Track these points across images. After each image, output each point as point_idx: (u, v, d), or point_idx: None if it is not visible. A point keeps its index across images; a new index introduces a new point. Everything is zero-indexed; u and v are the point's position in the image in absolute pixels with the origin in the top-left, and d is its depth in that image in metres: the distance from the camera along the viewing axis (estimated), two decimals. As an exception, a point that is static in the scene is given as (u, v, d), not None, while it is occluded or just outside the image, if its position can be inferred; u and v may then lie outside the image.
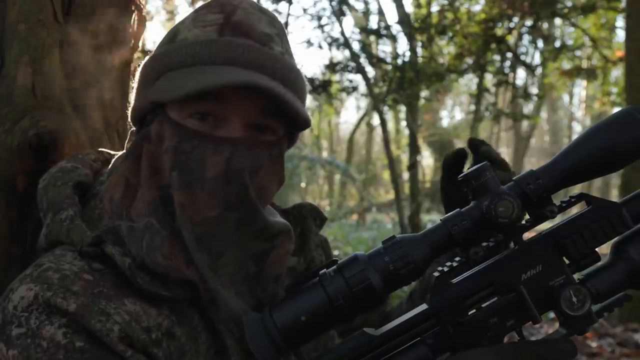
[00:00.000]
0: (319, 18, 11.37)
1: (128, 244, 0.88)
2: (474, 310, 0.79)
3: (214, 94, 0.86)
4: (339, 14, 11.18)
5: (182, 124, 0.88)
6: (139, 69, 0.96)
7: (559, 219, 0.83)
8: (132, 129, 1.00)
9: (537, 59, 14.57)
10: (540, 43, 13.13)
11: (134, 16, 1.36)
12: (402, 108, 13.31)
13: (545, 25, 13.58)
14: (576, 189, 0.94)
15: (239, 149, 0.87)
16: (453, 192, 1.01)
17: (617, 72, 12.91)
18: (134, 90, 0.97)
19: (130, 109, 0.98)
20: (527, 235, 0.83)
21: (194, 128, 0.87)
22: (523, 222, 0.81)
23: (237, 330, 0.91)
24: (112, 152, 1.09)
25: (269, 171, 0.91)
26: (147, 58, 0.95)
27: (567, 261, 0.81)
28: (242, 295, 0.90)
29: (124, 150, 1.01)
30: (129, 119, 0.99)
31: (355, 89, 11.37)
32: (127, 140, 1.01)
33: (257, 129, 0.90)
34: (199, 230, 0.86)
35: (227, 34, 0.89)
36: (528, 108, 19.28)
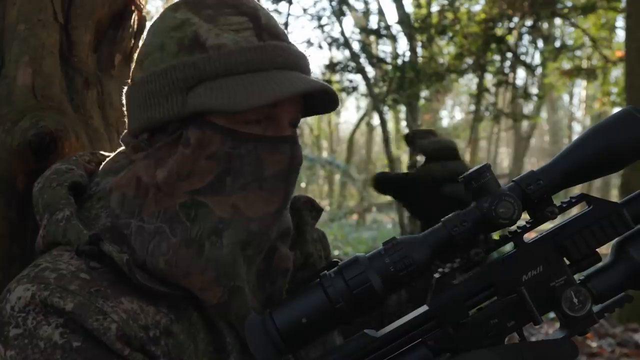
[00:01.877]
0: (319, 18, 11.37)
1: (133, 243, 0.88)
2: (474, 311, 0.79)
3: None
4: (339, 14, 11.18)
5: (235, 129, 0.88)
6: (146, 77, 0.91)
7: (559, 220, 0.83)
8: (141, 136, 0.94)
9: (537, 59, 14.57)
10: (540, 43, 13.13)
11: (134, 16, 1.36)
12: (402, 108, 13.30)
13: (545, 25, 13.60)
14: (577, 189, 0.94)
15: (296, 146, 0.91)
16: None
17: (617, 72, 12.91)
18: (142, 98, 0.92)
19: (137, 119, 0.93)
20: (528, 236, 0.83)
21: (250, 132, 0.88)
22: (524, 222, 0.82)
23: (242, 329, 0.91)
24: (106, 154, 1.08)
25: None
26: (162, 68, 0.90)
27: (567, 262, 0.81)
28: (255, 291, 0.92)
29: (116, 152, 1.00)
30: (132, 127, 0.95)
31: (355, 89, 11.37)
32: (130, 145, 0.96)
33: (293, 126, 0.94)
34: (256, 226, 0.89)
35: (266, 38, 0.90)
36: (528, 108, 19.30)
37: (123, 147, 0.99)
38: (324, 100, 0.93)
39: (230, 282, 0.88)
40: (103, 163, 1.02)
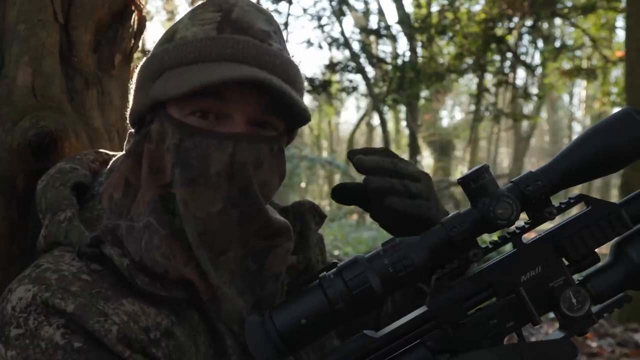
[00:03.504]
0: (319, 18, 11.38)
1: (127, 243, 0.88)
2: (473, 312, 0.79)
3: (215, 90, 0.87)
4: (339, 14, 11.19)
5: (183, 121, 0.88)
6: (137, 70, 0.96)
7: (559, 220, 0.83)
8: (130, 130, 0.99)
9: (537, 59, 14.58)
10: (540, 43, 13.14)
11: (134, 16, 1.36)
12: (402, 108, 13.32)
13: (545, 25, 13.59)
14: (576, 190, 0.94)
15: (242, 144, 0.87)
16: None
17: (617, 72, 12.91)
18: (133, 92, 0.97)
19: (128, 110, 0.98)
20: (528, 236, 0.83)
21: (195, 125, 0.88)
22: (522, 223, 0.82)
23: (238, 327, 0.90)
24: (111, 153, 1.09)
25: (271, 166, 0.91)
26: (145, 59, 0.95)
27: (566, 262, 0.81)
28: (242, 293, 0.90)
29: (123, 152, 1.01)
30: (128, 120, 0.99)
31: (355, 89, 11.38)
32: (125, 142, 1.01)
33: (258, 125, 0.91)
34: (202, 226, 0.87)
35: (226, 31, 0.90)
36: (528, 108, 19.29)
37: None
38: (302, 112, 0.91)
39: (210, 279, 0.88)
40: (111, 161, 1.03)
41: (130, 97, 0.98)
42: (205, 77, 0.85)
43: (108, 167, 1.03)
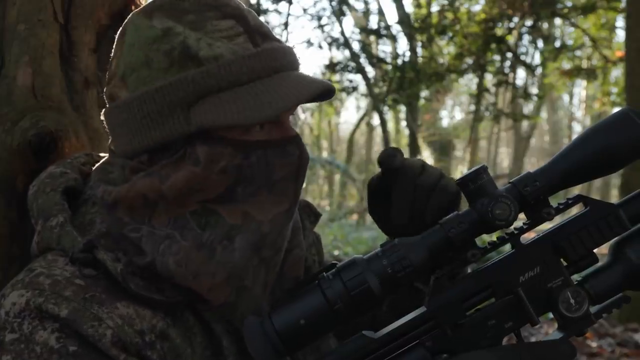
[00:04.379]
0: (319, 18, 11.39)
1: (144, 245, 0.87)
2: (472, 312, 0.79)
3: None
4: (339, 14, 11.20)
5: (244, 139, 0.86)
6: (142, 99, 0.86)
7: (557, 221, 0.83)
8: (140, 158, 0.89)
9: (537, 59, 14.58)
10: (540, 43, 13.14)
11: (134, 16, 1.37)
12: (402, 108, 13.31)
13: (545, 25, 13.59)
14: (576, 190, 0.94)
15: (301, 144, 0.91)
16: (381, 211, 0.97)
17: (617, 72, 12.91)
18: (134, 120, 0.87)
19: (136, 141, 0.88)
20: (527, 237, 0.83)
21: (261, 139, 0.87)
22: (521, 224, 0.82)
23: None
24: (102, 155, 1.07)
25: None
26: (158, 86, 0.85)
27: (565, 263, 0.81)
28: (266, 297, 0.91)
29: (105, 159, 0.97)
30: (132, 149, 0.89)
31: (355, 89, 11.38)
32: (128, 170, 0.91)
33: None
34: (267, 228, 0.88)
35: (259, 42, 0.88)
36: (528, 108, 19.29)
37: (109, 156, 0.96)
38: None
39: (240, 282, 0.88)
40: (94, 168, 0.98)
41: (125, 128, 0.89)
42: (288, 97, 0.84)
43: (93, 173, 0.98)
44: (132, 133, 0.88)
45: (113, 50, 0.95)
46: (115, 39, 0.94)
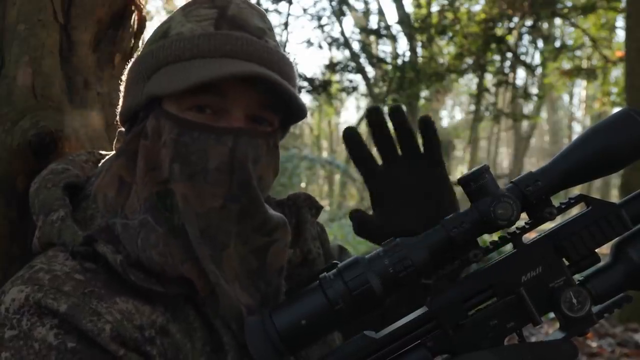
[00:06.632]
0: (319, 18, 11.39)
1: (123, 241, 0.88)
2: (474, 312, 0.79)
3: (215, 86, 0.87)
4: (339, 14, 11.20)
5: (181, 116, 0.88)
6: (128, 68, 0.96)
7: (559, 220, 0.83)
8: (120, 129, 0.99)
9: (537, 59, 14.59)
10: (540, 43, 13.15)
11: (134, 16, 1.36)
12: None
13: (545, 25, 13.60)
14: (577, 190, 0.94)
15: (242, 139, 0.88)
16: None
17: (617, 72, 12.91)
18: (123, 90, 0.97)
19: (119, 109, 0.98)
20: (529, 236, 0.83)
21: (194, 120, 0.88)
22: (523, 223, 0.81)
23: (236, 325, 0.90)
24: (104, 153, 1.09)
25: (268, 161, 0.92)
26: (135, 57, 0.95)
27: (567, 262, 0.81)
28: (248, 289, 0.90)
29: (114, 152, 1.00)
30: (117, 119, 0.99)
31: (355, 89, 11.39)
32: (115, 141, 1.01)
33: (255, 120, 0.91)
34: (203, 222, 0.87)
35: (224, 27, 0.90)
36: (528, 108, 19.29)
37: None
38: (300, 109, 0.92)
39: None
40: (101, 162, 1.02)
41: (121, 96, 0.98)
42: (208, 72, 0.85)
43: (98, 167, 1.02)
44: (123, 97, 0.97)
45: None
46: None
